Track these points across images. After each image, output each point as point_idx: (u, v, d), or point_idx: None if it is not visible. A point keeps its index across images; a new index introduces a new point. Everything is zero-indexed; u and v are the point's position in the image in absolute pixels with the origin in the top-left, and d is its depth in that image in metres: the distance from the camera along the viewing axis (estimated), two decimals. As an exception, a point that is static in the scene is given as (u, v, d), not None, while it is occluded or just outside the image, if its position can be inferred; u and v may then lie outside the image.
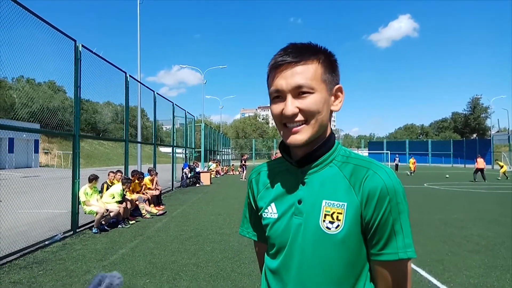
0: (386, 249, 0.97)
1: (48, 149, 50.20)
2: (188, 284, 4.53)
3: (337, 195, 0.99)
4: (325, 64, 1.01)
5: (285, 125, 1.01)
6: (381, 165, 1.01)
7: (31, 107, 51.49)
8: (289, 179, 1.07)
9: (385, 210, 0.95)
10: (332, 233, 0.97)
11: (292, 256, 1.02)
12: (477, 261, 5.51)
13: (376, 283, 1.03)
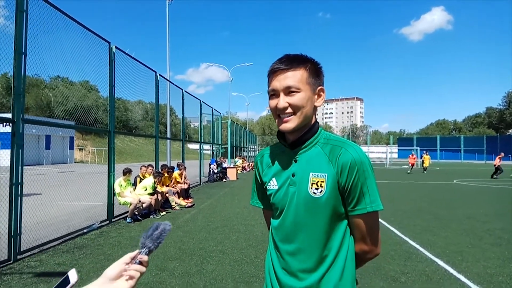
0: (358, 205, 1.28)
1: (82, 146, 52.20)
2: (214, 268, 4.90)
3: (320, 168, 1.29)
4: (310, 71, 1.31)
5: (279, 116, 1.32)
6: (352, 144, 1.31)
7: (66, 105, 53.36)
8: (285, 158, 1.38)
9: (354, 177, 1.25)
10: (317, 197, 1.28)
11: (289, 215, 1.33)
12: (496, 253, 5.59)
13: (353, 233, 1.34)
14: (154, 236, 1.02)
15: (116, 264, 0.95)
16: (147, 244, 1.00)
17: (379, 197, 1.29)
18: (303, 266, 1.29)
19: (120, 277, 0.93)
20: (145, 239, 1.01)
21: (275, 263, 1.38)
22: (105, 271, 0.93)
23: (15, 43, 5.22)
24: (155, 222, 1.08)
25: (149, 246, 0.99)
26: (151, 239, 1.01)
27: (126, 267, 0.94)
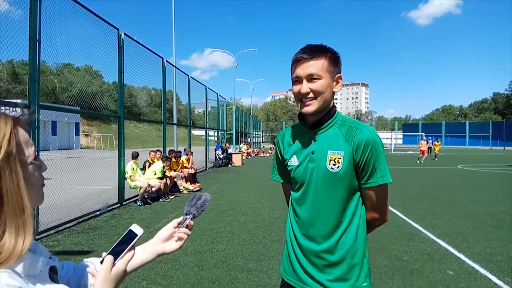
0: (371, 179, 1.45)
1: (88, 132, 52.51)
2: (224, 247, 5.12)
3: (337, 146, 1.45)
4: (330, 60, 1.46)
5: (301, 100, 1.48)
6: (366, 125, 1.47)
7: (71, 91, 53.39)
8: (305, 138, 1.54)
9: (368, 154, 1.42)
10: (334, 172, 1.44)
11: (309, 188, 1.50)
12: (497, 235, 5.76)
13: (365, 203, 1.52)
14: (198, 204, 1.18)
15: (166, 228, 1.12)
16: (192, 211, 1.16)
17: (388, 171, 1.46)
18: (321, 232, 1.47)
19: (170, 238, 1.11)
20: (190, 207, 1.17)
21: (295, 230, 1.55)
22: (158, 233, 1.11)
23: (30, 31, 5.36)
24: (198, 193, 1.25)
25: (194, 213, 1.16)
26: (195, 207, 1.17)
27: (175, 230, 1.11)
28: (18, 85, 51.24)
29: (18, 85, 51.23)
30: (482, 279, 4.01)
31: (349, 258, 1.45)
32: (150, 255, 1.08)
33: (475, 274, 4.14)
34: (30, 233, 0.75)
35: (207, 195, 1.22)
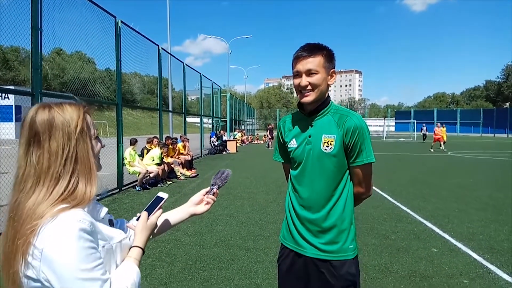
0: (357, 159, 1.69)
1: (81, 118, 52.25)
2: (223, 228, 5.39)
3: (330, 131, 1.69)
4: (326, 57, 1.69)
5: (301, 91, 1.71)
6: (355, 113, 1.71)
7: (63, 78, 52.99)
8: (303, 124, 1.78)
9: (355, 138, 1.66)
10: (328, 152, 1.68)
11: (306, 166, 1.74)
12: (480, 216, 6.11)
13: (352, 179, 1.77)
14: (222, 177, 1.45)
15: (197, 195, 1.42)
16: (217, 182, 1.43)
17: (372, 152, 1.71)
18: (315, 204, 1.72)
19: (201, 203, 1.41)
20: (216, 179, 1.44)
21: (293, 201, 1.80)
22: (191, 199, 1.42)
23: (32, 20, 5.49)
24: (221, 169, 1.50)
25: (219, 184, 1.43)
26: (220, 179, 1.44)
27: (204, 197, 1.37)
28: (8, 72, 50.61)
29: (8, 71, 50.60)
30: (463, 255, 4.33)
31: (338, 225, 1.70)
32: (185, 215, 1.37)
33: (457, 251, 4.46)
34: (95, 185, 1.01)
35: (229, 170, 1.48)
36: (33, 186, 0.95)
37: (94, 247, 0.93)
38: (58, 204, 0.93)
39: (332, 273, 1.67)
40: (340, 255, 1.69)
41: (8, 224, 0.96)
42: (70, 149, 0.97)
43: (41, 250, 0.88)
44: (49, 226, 0.90)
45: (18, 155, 0.99)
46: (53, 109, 0.98)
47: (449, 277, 3.70)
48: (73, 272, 0.87)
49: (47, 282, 0.89)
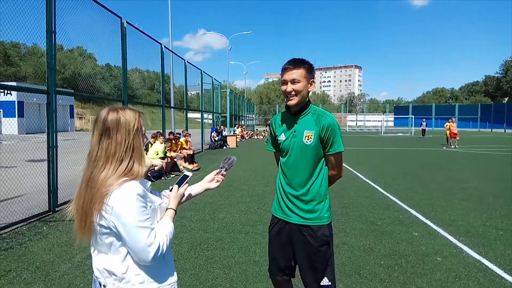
0: (331, 149, 2.16)
1: (82, 114, 52.50)
2: (224, 216, 5.87)
3: (310, 127, 2.16)
4: (306, 70, 2.15)
5: (287, 96, 2.17)
6: (329, 114, 2.17)
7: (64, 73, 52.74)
8: (290, 122, 2.25)
9: (329, 133, 2.13)
10: (308, 144, 2.15)
11: (292, 155, 2.21)
12: (462, 206, 6.58)
13: (327, 165, 2.23)
14: (229, 162, 1.91)
15: (210, 174, 1.87)
16: (225, 166, 1.89)
17: (342, 144, 2.18)
18: (298, 183, 2.19)
19: (212, 181, 1.86)
20: (224, 164, 1.90)
21: (282, 181, 2.28)
22: (205, 177, 1.87)
23: (47, 23, 5.92)
24: (229, 155, 1.96)
25: (226, 167, 1.88)
26: (227, 163, 1.89)
27: (215, 176, 1.83)
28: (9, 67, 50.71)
29: (9, 67, 50.71)
30: (441, 238, 4.81)
31: (316, 199, 2.18)
32: (201, 189, 1.83)
33: (436, 235, 4.94)
34: (144, 166, 1.47)
35: (234, 157, 1.95)
36: (103, 164, 1.40)
37: (145, 206, 1.39)
38: (121, 177, 1.39)
39: (311, 235, 2.15)
40: (317, 221, 2.16)
41: (84, 190, 1.42)
42: (129, 141, 1.43)
43: (111, 207, 1.34)
44: (116, 191, 1.36)
45: (91, 141, 1.45)
46: (119, 112, 1.44)
47: (424, 255, 4.18)
48: (133, 222, 1.34)
49: (115, 228, 1.35)
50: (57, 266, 3.89)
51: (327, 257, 2.18)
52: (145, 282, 1.42)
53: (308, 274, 2.20)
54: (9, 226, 5.20)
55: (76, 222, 1.44)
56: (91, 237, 1.44)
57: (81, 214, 1.42)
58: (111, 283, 1.41)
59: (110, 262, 1.41)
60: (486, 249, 4.41)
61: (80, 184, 1.45)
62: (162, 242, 1.39)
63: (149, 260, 1.36)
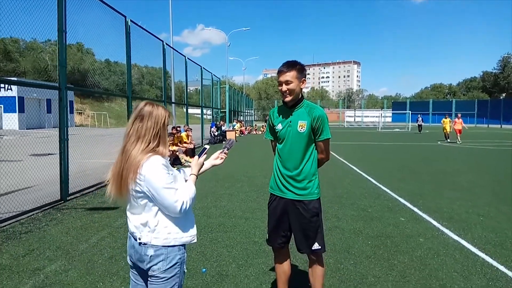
0: (320, 136, 2.56)
1: (81, 110, 52.65)
2: (226, 204, 6.28)
3: (304, 118, 2.56)
4: (298, 71, 2.53)
5: (283, 94, 2.56)
6: (318, 107, 2.57)
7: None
8: (286, 114, 2.64)
9: (319, 123, 2.53)
10: (301, 132, 2.55)
11: (287, 141, 2.60)
12: (450, 196, 6.99)
13: (317, 149, 2.64)
14: (229, 143, 2.30)
15: (216, 153, 2.23)
16: (227, 146, 2.28)
17: (329, 132, 2.59)
18: (292, 165, 2.60)
19: (217, 158, 2.22)
20: (226, 144, 2.29)
21: (278, 164, 2.68)
22: (211, 156, 2.22)
23: (58, 23, 6.28)
24: (230, 138, 2.37)
25: (227, 147, 2.27)
26: (229, 144, 2.29)
27: (219, 154, 2.22)
28: (9, 63, 50.77)
29: (9, 62, 50.77)
30: (425, 223, 5.23)
31: (307, 178, 2.59)
32: (209, 165, 2.20)
33: (421, 220, 5.36)
34: (167, 149, 1.86)
35: (234, 139, 2.34)
36: (135, 141, 1.80)
37: (169, 173, 1.80)
38: (149, 153, 1.79)
39: (304, 208, 2.56)
40: (309, 197, 2.58)
41: (119, 158, 1.81)
42: (157, 129, 1.83)
43: (144, 176, 1.74)
44: (147, 162, 1.76)
45: (127, 122, 1.86)
46: (154, 106, 1.85)
47: (409, 237, 4.60)
48: (161, 184, 1.74)
49: (148, 192, 1.75)
50: (75, 246, 4.29)
51: (317, 226, 2.60)
52: (172, 232, 1.83)
53: (301, 241, 2.62)
54: (25, 213, 5.59)
55: (113, 186, 1.84)
56: (126, 198, 1.84)
57: (117, 179, 1.82)
58: (145, 235, 1.82)
59: (144, 218, 1.82)
60: (465, 232, 4.83)
61: (116, 160, 1.85)
62: (186, 200, 1.79)
63: (177, 211, 1.77)
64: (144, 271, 1.88)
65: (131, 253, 1.92)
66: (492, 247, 4.28)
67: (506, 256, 3.99)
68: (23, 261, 3.86)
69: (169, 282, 1.85)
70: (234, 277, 3.50)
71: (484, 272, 3.60)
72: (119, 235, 4.67)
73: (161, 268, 1.83)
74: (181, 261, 1.89)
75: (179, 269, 1.89)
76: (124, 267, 3.69)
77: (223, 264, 3.79)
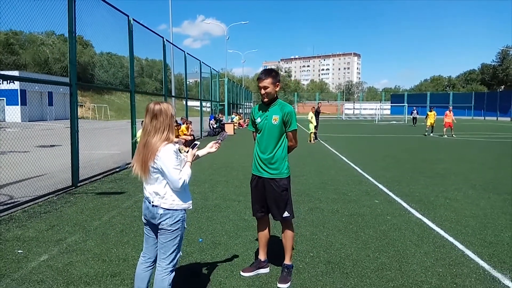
0: (289, 127, 3.26)
1: (81, 102, 53.12)
2: (222, 189, 6.98)
3: (277, 113, 3.25)
4: (273, 77, 3.21)
5: (262, 96, 3.25)
6: (288, 105, 3.26)
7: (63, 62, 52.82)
8: (263, 110, 3.33)
9: (288, 117, 3.22)
10: (275, 124, 3.24)
11: (264, 132, 3.29)
12: (425, 182, 7.69)
13: (287, 138, 3.33)
14: (223, 136, 2.99)
15: (210, 143, 2.91)
16: (220, 138, 2.95)
17: (296, 124, 3.26)
18: (267, 150, 3.28)
19: (212, 147, 2.90)
20: (220, 137, 2.97)
21: (257, 150, 3.37)
22: (207, 145, 2.90)
23: (69, 25, 6.91)
24: (223, 132, 3.03)
25: (221, 139, 2.95)
26: (222, 137, 2.97)
27: (213, 144, 2.89)
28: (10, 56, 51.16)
29: (10, 55, 51.16)
30: (396, 204, 5.94)
31: (278, 161, 3.27)
32: (205, 152, 2.89)
33: (393, 202, 6.07)
34: (174, 135, 2.54)
35: (227, 133, 3.04)
36: (153, 134, 2.47)
37: (177, 157, 2.48)
38: (164, 141, 2.47)
39: (275, 184, 3.26)
40: (279, 175, 3.28)
41: (141, 148, 2.47)
42: (167, 121, 2.50)
43: (160, 157, 2.42)
44: (163, 148, 2.43)
45: (145, 122, 2.52)
46: (161, 104, 2.51)
47: (378, 215, 5.31)
48: (171, 165, 2.41)
49: (161, 169, 2.43)
50: (90, 223, 4.99)
51: (286, 198, 3.31)
52: (175, 200, 2.52)
53: (274, 210, 3.32)
54: (41, 196, 6.28)
55: (137, 167, 2.51)
56: (146, 175, 2.51)
57: (141, 162, 2.49)
58: (156, 200, 2.51)
59: (156, 188, 2.50)
60: (429, 211, 5.53)
61: (138, 146, 2.53)
62: (185, 178, 2.48)
63: (179, 187, 2.45)
64: (155, 226, 2.57)
65: (145, 213, 2.61)
66: (448, 223, 4.98)
67: (457, 230, 4.69)
68: (47, 234, 4.56)
69: (173, 233, 2.55)
70: (225, 245, 4.21)
71: (435, 241, 4.31)
72: (128, 214, 5.37)
73: (168, 223, 2.52)
74: (182, 219, 2.59)
75: (181, 225, 2.59)
76: (133, 238, 4.40)
77: (217, 236, 4.50)
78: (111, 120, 48.13)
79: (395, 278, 3.38)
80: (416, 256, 3.87)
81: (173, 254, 2.60)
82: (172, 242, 2.57)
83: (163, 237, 2.56)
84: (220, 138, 2.99)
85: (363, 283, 3.30)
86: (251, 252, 4.00)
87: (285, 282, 3.26)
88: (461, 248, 4.10)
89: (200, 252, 4.00)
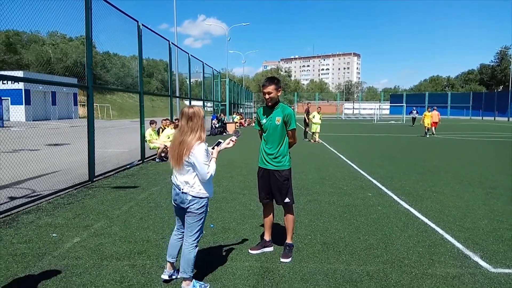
0: (289, 127, 3.85)
1: (84, 102, 53.46)
2: (227, 183, 7.56)
3: (279, 115, 3.83)
4: (276, 84, 3.80)
5: (266, 100, 3.83)
6: (288, 107, 3.86)
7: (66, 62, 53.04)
8: (268, 112, 3.91)
9: (288, 118, 3.81)
10: (277, 124, 3.83)
11: (269, 131, 3.88)
12: (416, 178, 8.27)
13: (288, 136, 3.92)
14: (237, 133, 3.56)
15: (227, 140, 3.48)
16: (235, 135, 3.53)
17: (295, 123, 3.84)
18: (272, 146, 3.86)
19: (228, 143, 3.48)
20: (234, 133, 3.54)
21: (263, 146, 3.95)
22: (225, 141, 3.47)
23: (86, 32, 7.48)
24: (237, 129, 3.63)
25: (236, 136, 3.52)
26: (237, 134, 3.54)
27: (229, 140, 3.47)
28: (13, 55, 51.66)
29: (13, 55, 51.66)
30: (387, 197, 6.52)
31: (281, 155, 3.86)
32: (223, 147, 3.44)
33: (384, 195, 6.65)
34: (204, 134, 3.13)
35: (240, 131, 3.61)
36: (188, 134, 3.04)
37: (207, 154, 3.05)
38: (197, 140, 3.04)
39: (279, 174, 3.85)
40: (282, 167, 3.87)
41: (177, 145, 3.03)
42: (200, 122, 3.08)
43: (194, 153, 3.00)
44: (196, 146, 3.01)
45: (181, 123, 3.09)
46: (193, 108, 3.09)
47: (370, 206, 5.89)
48: (202, 161, 2.99)
49: (193, 163, 3.01)
50: (111, 212, 5.57)
51: (287, 186, 3.90)
52: (201, 189, 3.09)
53: (277, 196, 3.92)
54: (62, 190, 6.85)
55: (173, 161, 3.08)
56: (180, 167, 3.07)
57: (176, 157, 3.06)
58: (186, 188, 3.08)
59: (187, 178, 3.07)
60: (416, 203, 6.11)
61: (173, 143, 3.10)
62: (212, 172, 3.06)
63: (206, 179, 3.03)
64: (184, 209, 3.14)
65: (175, 198, 3.18)
66: (433, 213, 5.56)
67: (440, 218, 5.28)
68: (74, 221, 5.14)
69: (199, 216, 3.13)
70: (234, 229, 4.80)
71: (418, 227, 4.89)
72: (144, 205, 5.95)
73: (195, 207, 3.10)
74: (206, 205, 3.16)
75: (205, 209, 3.16)
76: (153, 224, 4.98)
77: (226, 222, 5.09)
78: (114, 119, 48.66)
79: (381, 255, 3.97)
80: (400, 239, 4.46)
81: (197, 232, 3.17)
82: (198, 223, 3.15)
83: (190, 218, 3.14)
84: (235, 135, 3.56)
85: (353, 259, 3.88)
86: (257, 235, 4.58)
87: (287, 258, 3.84)
88: (441, 233, 4.68)
89: (213, 236, 4.58)
